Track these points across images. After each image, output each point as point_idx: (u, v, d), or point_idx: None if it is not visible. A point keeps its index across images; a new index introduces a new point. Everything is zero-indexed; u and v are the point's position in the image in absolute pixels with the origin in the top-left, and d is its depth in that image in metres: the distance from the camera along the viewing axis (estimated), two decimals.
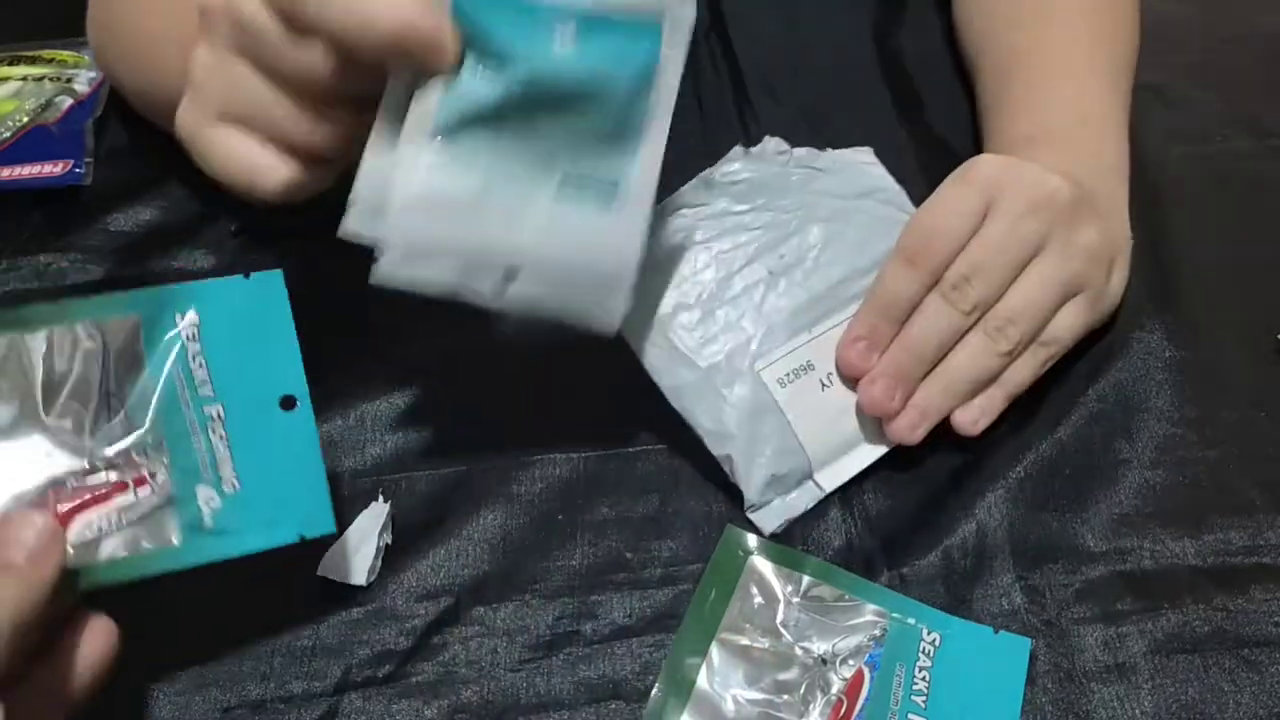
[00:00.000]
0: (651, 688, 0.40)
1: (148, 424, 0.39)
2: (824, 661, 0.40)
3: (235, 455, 0.39)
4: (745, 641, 0.41)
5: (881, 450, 0.47)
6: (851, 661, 0.40)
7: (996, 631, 0.41)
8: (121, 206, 0.60)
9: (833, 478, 0.46)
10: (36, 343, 0.38)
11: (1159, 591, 0.43)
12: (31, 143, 0.62)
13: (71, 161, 0.61)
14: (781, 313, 0.47)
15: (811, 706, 0.39)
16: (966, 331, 0.46)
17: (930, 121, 0.63)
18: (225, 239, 0.58)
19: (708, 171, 0.50)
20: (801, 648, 0.41)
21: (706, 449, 0.46)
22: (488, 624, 0.43)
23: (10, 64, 0.67)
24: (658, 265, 0.47)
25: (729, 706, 0.40)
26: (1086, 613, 0.43)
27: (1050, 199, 0.46)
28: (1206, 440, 0.48)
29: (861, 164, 0.52)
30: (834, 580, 0.43)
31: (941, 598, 0.43)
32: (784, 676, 0.40)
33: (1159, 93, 0.64)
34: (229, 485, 0.39)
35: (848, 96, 0.64)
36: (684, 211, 0.49)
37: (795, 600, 0.42)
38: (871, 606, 0.42)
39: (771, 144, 0.50)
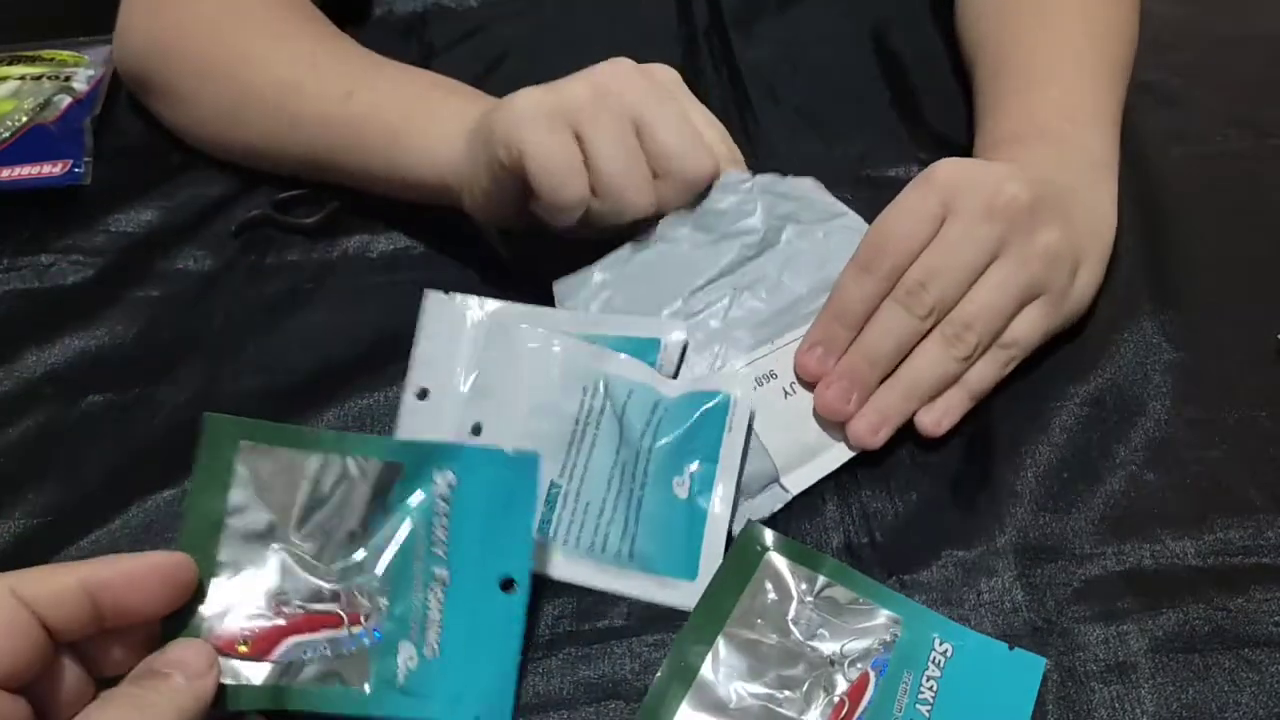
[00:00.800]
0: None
1: (380, 568, 0.40)
2: (831, 662, 0.40)
3: (446, 623, 0.40)
4: (754, 636, 0.41)
5: (847, 455, 0.47)
6: (859, 664, 0.40)
7: (1011, 648, 0.41)
8: (121, 206, 0.60)
9: (798, 481, 0.46)
10: (311, 464, 0.39)
11: (1159, 591, 0.43)
12: (31, 142, 0.62)
13: (71, 161, 0.60)
14: (744, 326, 0.48)
15: (813, 705, 0.39)
16: (924, 335, 0.46)
17: (930, 121, 0.63)
18: (225, 239, 0.58)
19: (701, 201, 0.50)
20: (810, 646, 0.41)
21: None
22: None
23: (9, 64, 0.67)
24: (626, 289, 0.49)
25: (730, 697, 0.40)
26: (1087, 612, 0.43)
27: (1008, 203, 0.46)
28: (1206, 440, 0.48)
29: (817, 191, 0.52)
30: (850, 582, 0.42)
31: (941, 596, 0.43)
32: (788, 673, 0.40)
33: (1159, 93, 0.64)
34: (430, 650, 0.39)
35: (848, 96, 0.64)
36: (656, 245, 0.50)
37: (809, 599, 0.42)
38: (886, 612, 0.42)
39: (734, 176, 0.50)
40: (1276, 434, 0.48)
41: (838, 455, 0.47)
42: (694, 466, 0.44)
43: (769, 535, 0.44)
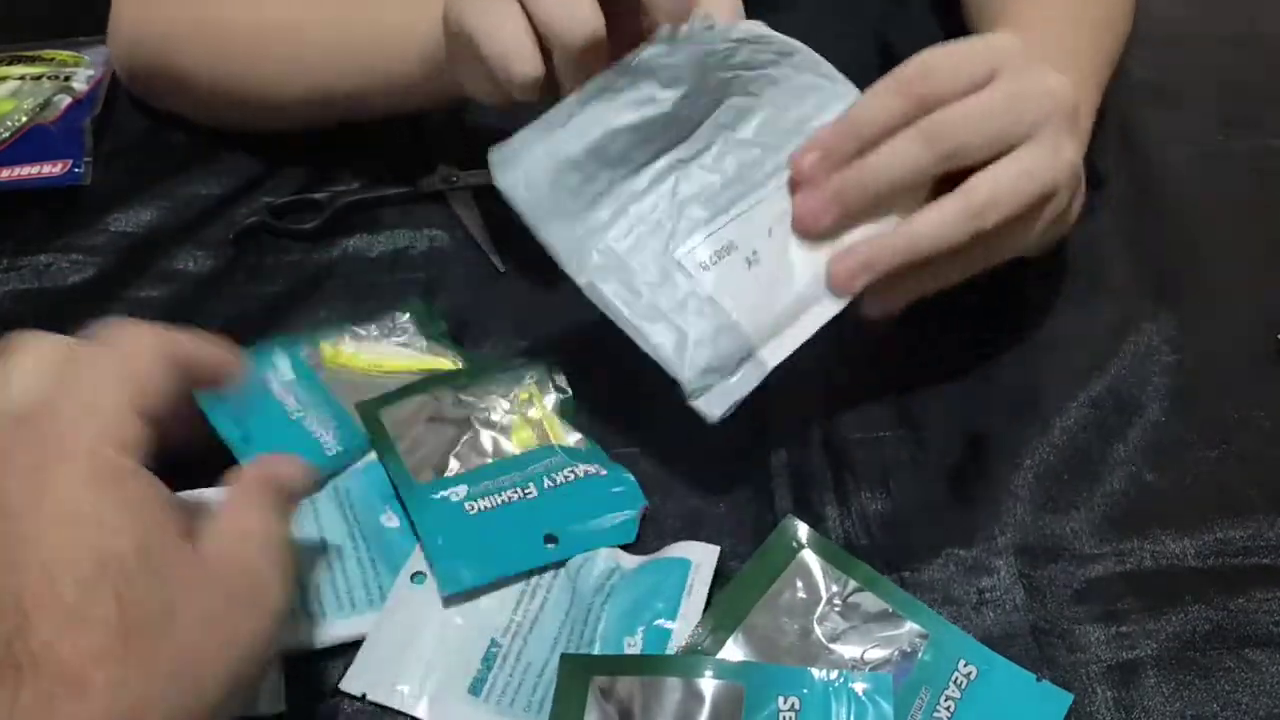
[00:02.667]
0: None
1: None
2: (851, 667, 0.40)
3: None
4: (773, 632, 0.41)
5: (823, 319, 0.45)
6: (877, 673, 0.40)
7: (1039, 680, 0.40)
8: (121, 206, 0.60)
9: (775, 353, 0.45)
10: (658, 688, 0.38)
11: (1159, 592, 0.43)
12: (30, 143, 0.62)
13: (70, 161, 0.60)
14: (696, 200, 0.46)
15: None
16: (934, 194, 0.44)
17: None
18: (225, 239, 0.58)
19: (630, 57, 0.45)
20: (829, 649, 0.40)
21: (705, 452, 0.47)
22: None
23: (9, 64, 0.67)
24: (571, 157, 0.44)
25: None
26: (1088, 612, 0.42)
27: (1056, 94, 0.45)
28: (1206, 440, 0.48)
29: (760, 29, 0.47)
30: (881, 590, 0.42)
31: (942, 596, 0.43)
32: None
33: (1159, 93, 0.64)
34: None
35: None
36: (593, 105, 0.45)
37: (837, 603, 0.42)
38: (913, 625, 0.41)
39: (665, 29, 0.45)
40: (1276, 434, 0.48)
41: (813, 320, 0.45)
42: (649, 626, 0.41)
43: (804, 533, 0.43)
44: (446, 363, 0.50)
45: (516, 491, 0.44)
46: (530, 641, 0.41)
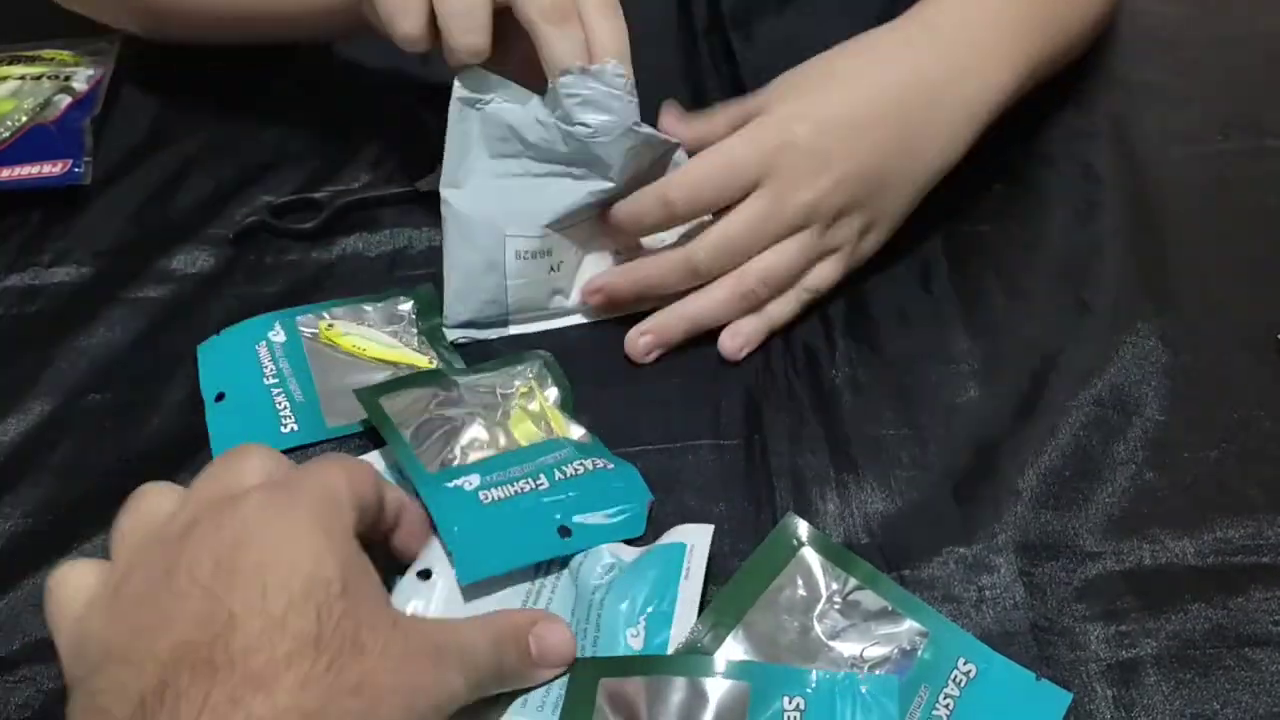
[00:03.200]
0: None
1: None
2: (851, 665, 0.40)
3: None
4: (773, 629, 0.41)
5: (567, 323, 0.54)
6: (877, 670, 0.40)
7: (1038, 679, 0.40)
8: (121, 206, 0.60)
9: (523, 329, 0.53)
10: (663, 687, 0.38)
11: (1159, 591, 0.43)
12: (30, 142, 0.62)
13: (70, 161, 0.61)
14: (550, 202, 0.51)
15: None
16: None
17: None
18: (225, 239, 0.58)
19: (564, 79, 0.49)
20: (829, 646, 0.40)
21: (705, 451, 0.47)
22: None
23: (9, 64, 0.67)
24: (509, 121, 0.50)
25: None
26: (1088, 611, 0.42)
27: (813, 206, 0.50)
28: (1206, 440, 0.48)
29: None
30: (881, 588, 0.42)
31: (942, 594, 0.43)
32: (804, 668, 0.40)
33: (1159, 93, 0.64)
34: None
35: None
36: (543, 101, 0.50)
37: (837, 600, 0.41)
38: (913, 623, 0.41)
39: (611, 66, 0.50)
40: (1276, 434, 0.48)
41: (561, 323, 0.54)
42: (648, 615, 0.41)
43: (804, 530, 0.43)
44: (424, 361, 0.51)
45: (528, 482, 0.45)
46: None
